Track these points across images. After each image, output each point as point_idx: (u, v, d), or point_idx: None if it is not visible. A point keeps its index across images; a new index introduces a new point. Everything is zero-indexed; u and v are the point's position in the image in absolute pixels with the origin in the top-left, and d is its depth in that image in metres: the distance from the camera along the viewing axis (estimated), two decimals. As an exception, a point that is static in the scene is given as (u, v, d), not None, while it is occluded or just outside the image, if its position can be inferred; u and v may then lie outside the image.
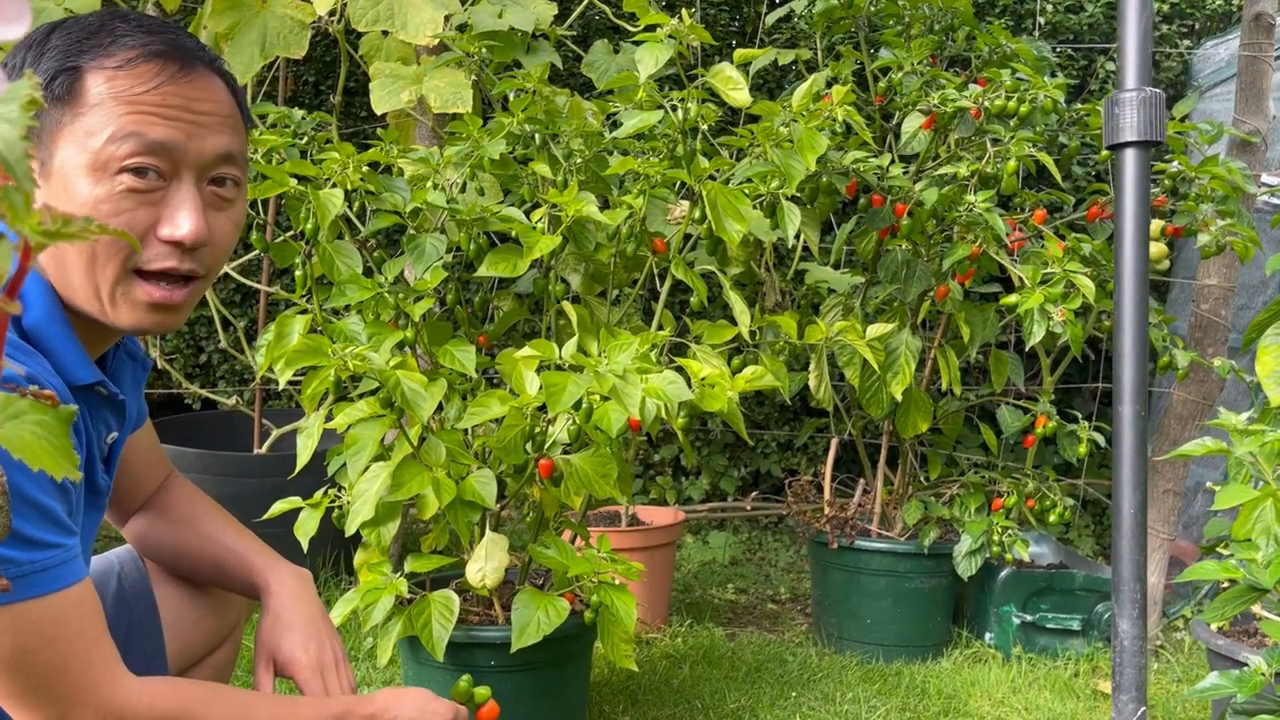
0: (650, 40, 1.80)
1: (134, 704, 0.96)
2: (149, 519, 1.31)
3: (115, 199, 0.96)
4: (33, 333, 0.97)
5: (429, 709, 1.17)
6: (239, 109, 1.07)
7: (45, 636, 0.91)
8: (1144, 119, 1.43)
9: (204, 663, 1.33)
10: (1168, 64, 3.51)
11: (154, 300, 1.00)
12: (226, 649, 1.37)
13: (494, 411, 1.60)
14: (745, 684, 2.29)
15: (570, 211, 1.72)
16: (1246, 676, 1.35)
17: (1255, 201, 2.67)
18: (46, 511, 0.90)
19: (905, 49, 2.35)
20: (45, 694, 0.92)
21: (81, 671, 0.93)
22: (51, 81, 0.96)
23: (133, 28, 0.99)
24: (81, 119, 0.96)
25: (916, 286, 2.31)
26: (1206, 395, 2.61)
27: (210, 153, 1.01)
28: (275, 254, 1.76)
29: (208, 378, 3.79)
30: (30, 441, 0.39)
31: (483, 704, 1.35)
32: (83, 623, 0.94)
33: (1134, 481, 1.45)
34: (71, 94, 0.96)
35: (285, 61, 3.01)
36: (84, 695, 0.93)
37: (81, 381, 1.01)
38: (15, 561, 0.88)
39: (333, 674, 1.23)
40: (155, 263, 0.99)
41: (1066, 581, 2.55)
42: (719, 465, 3.64)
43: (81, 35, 0.98)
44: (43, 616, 0.90)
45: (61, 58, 0.97)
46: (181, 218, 0.99)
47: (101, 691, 0.94)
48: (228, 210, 1.06)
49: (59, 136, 0.96)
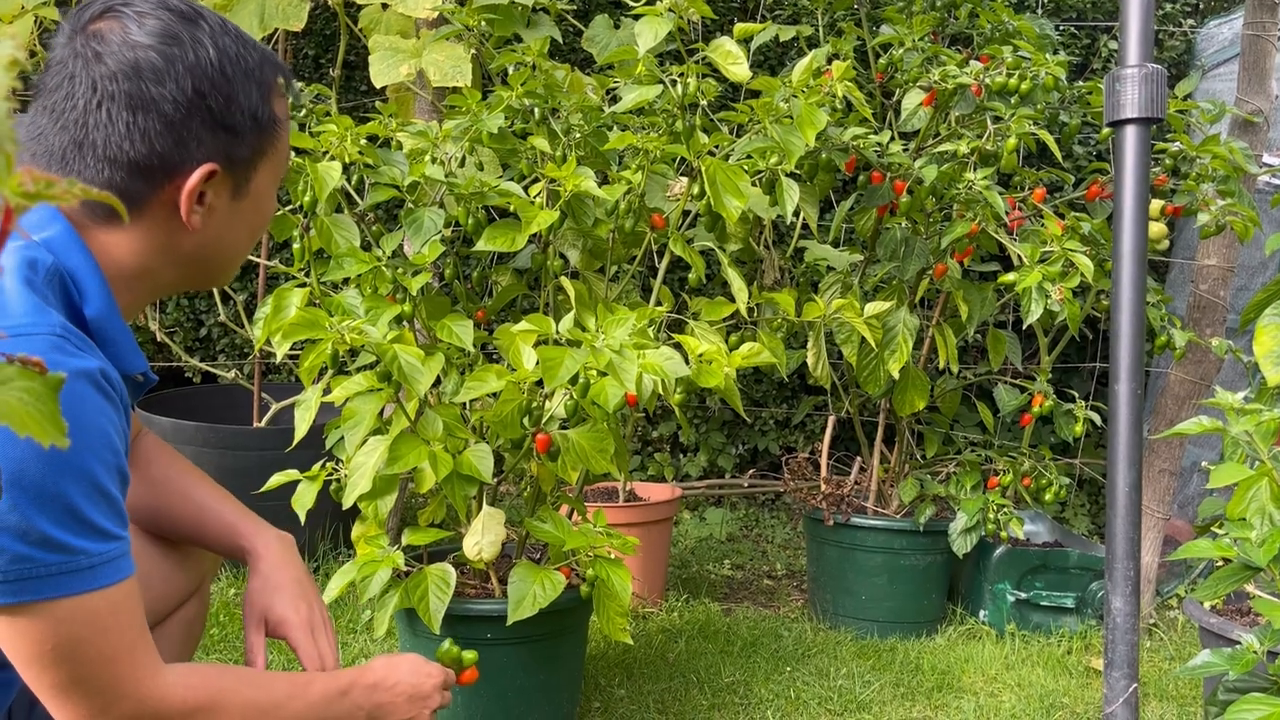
0: (650, 14, 1.78)
1: (171, 695, 0.97)
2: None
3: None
4: (95, 325, 0.98)
5: (423, 672, 1.22)
6: None
7: (100, 627, 0.91)
8: (1145, 96, 1.42)
9: (173, 617, 1.33)
10: (1171, 43, 3.49)
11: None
12: (195, 604, 1.36)
13: (491, 386, 1.60)
14: (740, 659, 2.30)
15: (569, 186, 1.71)
16: (1238, 654, 1.35)
17: (1256, 182, 2.66)
18: (115, 503, 0.91)
19: (907, 25, 2.34)
20: (91, 685, 0.92)
21: (129, 663, 0.94)
22: (258, 113, 1.04)
23: (264, 54, 1.08)
24: (278, 145, 1.08)
25: (915, 264, 2.31)
26: (1204, 375, 2.61)
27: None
28: (273, 227, 1.76)
29: (208, 351, 3.79)
30: (17, 408, 0.39)
31: (468, 667, 1.38)
32: (134, 614, 0.94)
33: (1129, 460, 1.45)
34: (271, 121, 1.06)
35: (285, 34, 2.99)
36: (128, 687, 0.94)
37: (138, 370, 1.03)
38: (88, 553, 0.88)
39: (321, 633, 1.26)
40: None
41: (1061, 559, 2.56)
42: (717, 442, 3.65)
43: (260, 62, 1.06)
44: (101, 607, 0.90)
45: (259, 88, 1.05)
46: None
47: (144, 684, 0.95)
48: None
49: (261, 165, 1.07)
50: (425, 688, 1.22)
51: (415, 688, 1.21)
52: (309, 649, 1.23)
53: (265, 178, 1.08)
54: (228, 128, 1.01)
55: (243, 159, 1.04)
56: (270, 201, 1.12)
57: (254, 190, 1.07)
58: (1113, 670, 1.46)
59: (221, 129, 1.01)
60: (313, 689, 1.11)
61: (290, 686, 1.10)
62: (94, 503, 0.88)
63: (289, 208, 1.77)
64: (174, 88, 0.97)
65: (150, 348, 3.53)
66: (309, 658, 1.23)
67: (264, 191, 1.09)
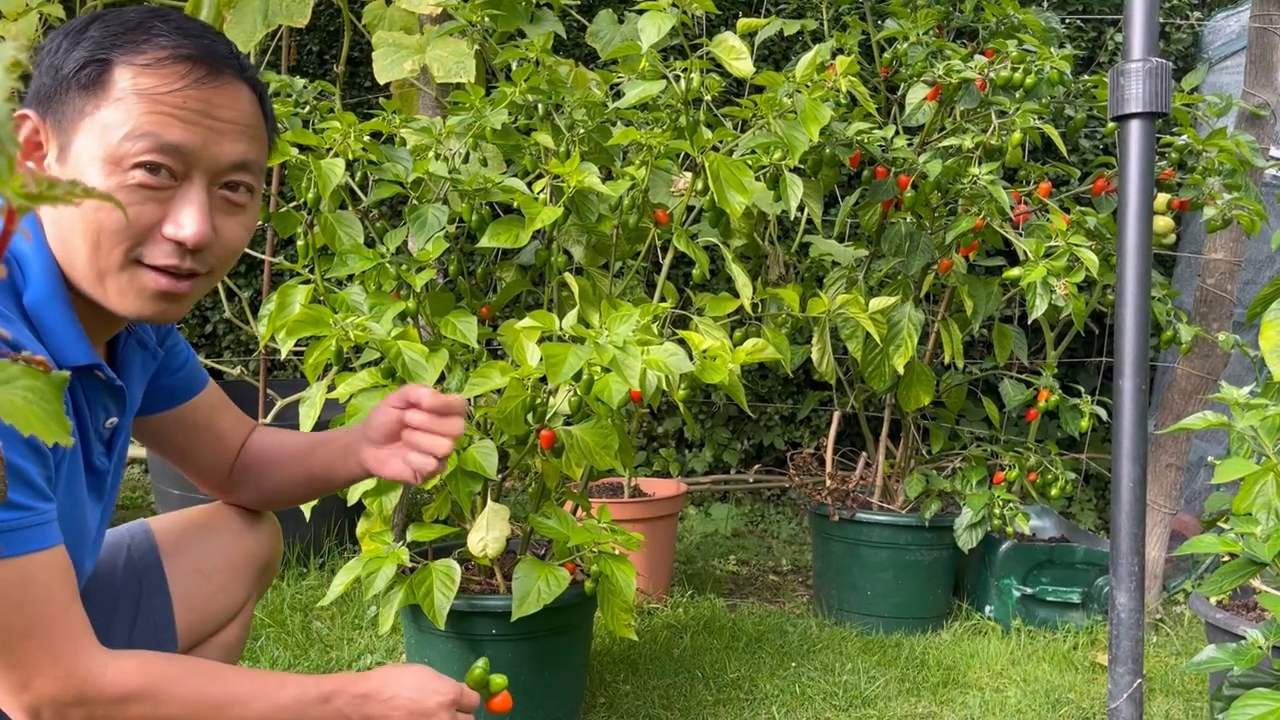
0: (653, 9, 1.78)
1: (97, 676, 0.94)
2: (242, 484, 1.34)
3: (126, 191, 0.96)
4: (32, 310, 0.97)
5: (430, 688, 1.10)
6: (264, 119, 1.07)
7: (10, 599, 0.89)
8: (1149, 90, 1.41)
9: (213, 640, 1.32)
10: (1178, 36, 3.47)
11: (160, 289, 1.01)
12: (236, 627, 1.36)
13: (495, 382, 1.60)
14: (746, 654, 2.31)
15: (573, 182, 1.71)
16: (1243, 650, 1.35)
17: (1263, 175, 2.65)
18: (18, 472, 0.90)
19: (911, 19, 2.33)
20: (7, 659, 0.91)
21: (45, 638, 0.92)
22: (80, 70, 0.97)
23: (170, 28, 1.00)
24: (102, 110, 0.96)
25: (920, 259, 2.30)
26: (1211, 370, 2.61)
27: (225, 159, 1.02)
28: (277, 224, 1.76)
29: (213, 348, 3.80)
30: (21, 406, 0.39)
31: (497, 693, 1.26)
32: (50, 589, 0.92)
33: (1133, 455, 1.45)
34: (97, 84, 0.97)
35: (289, 30, 2.99)
36: (46, 663, 0.92)
37: (76, 363, 1.00)
38: None
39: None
40: (158, 258, 1.00)
41: (1067, 555, 2.55)
42: (722, 438, 3.65)
43: (119, 29, 0.99)
44: (8, 577, 0.89)
45: (94, 48, 0.98)
46: (186, 218, 0.99)
47: (64, 661, 0.93)
48: (238, 215, 1.06)
49: (80, 124, 0.97)
50: (428, 704, 1.09)
51: (416, 703, 1.08)
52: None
53: (86, 143, 0.97)
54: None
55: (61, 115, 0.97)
56: (93, 178, 0.97)
57: (73, 155, 0.97)
58: (1117, 666, 1.45)
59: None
60: (284, 691, 1.04)
61: (256, 685, 1.03)
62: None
63: (293, 204, 1.77)
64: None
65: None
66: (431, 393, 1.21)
67: (84, 161, 0.97)
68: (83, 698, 0.94)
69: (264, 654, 2.15)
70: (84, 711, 0.95)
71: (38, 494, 0.92)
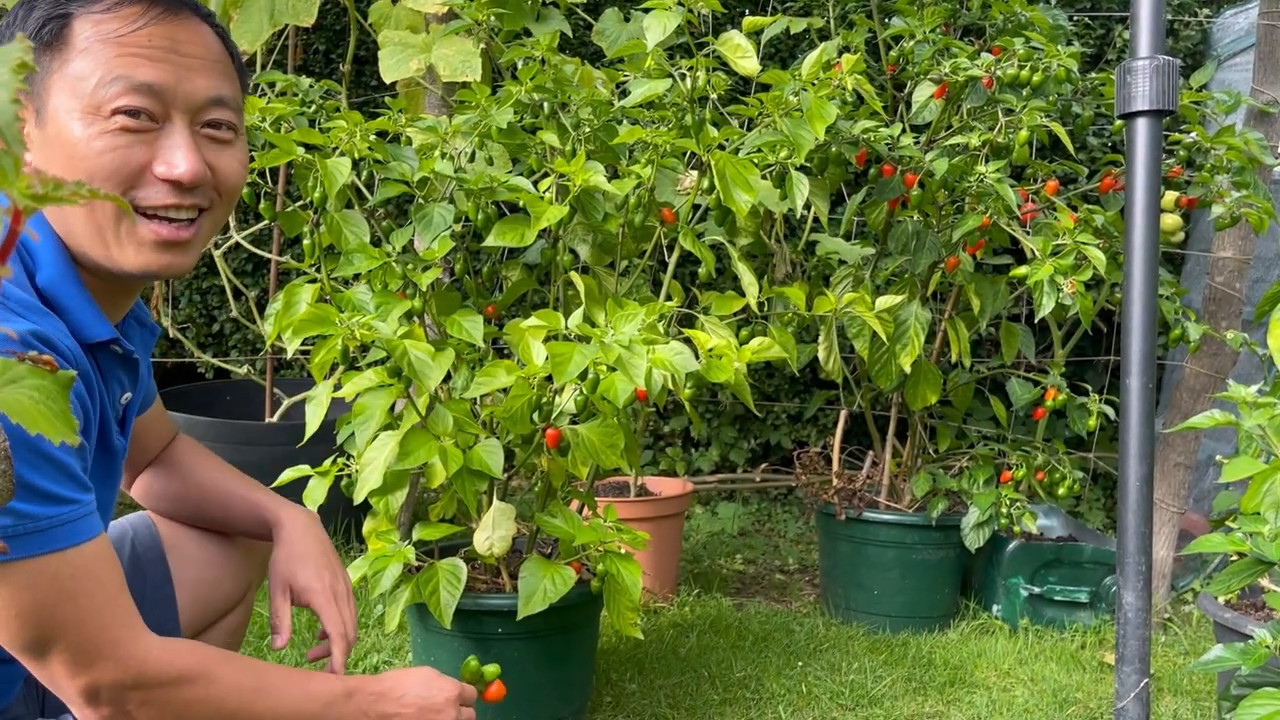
0: (659, 8, 1.78)
1: (154, 659, 0.97)
2: (154, 473, 1.35)
3: (109, 136, 0.96)
4: (46, 291, 0.97)
5: (434, 685, 1.19)
6: (230, 58, 1.07)
7: (64, 591, 0.91)
8: (1156, 87, 1.41)
9: (217, 626, 1.36)
10: (1186, 33, 3.46)
11: (161, 238, 1.01)
12: (239, 613, 1.39)
13: (501, 381, 1.60)
14: (752, 653, 2.30)
15: (578, 181, 1.71)
16: (1251, 649, 1.35)
17: (1272, 173, 2.64)
18: (62, 466, 0.91)
19: (918, 17, 2.33)
20: (66, 649, 0.93)
21: (101, 626, 0.94)
22: (41, 29, 0.97)
23: None
24: (71, 64, 0.96)
25: (927, 258, 2.30)
26: (1219, 368, 2.60)
27: (200, 95, 1.01)
28: (284, 223, 1.76)
29: (220, 347, 3.81)
30: (28, 406, 0.39)
31: (491, 682, 1.34)
32: (101, 578, 0.94)
33: (1140, 454, 1.44)
34: (60, 40, 0.97)
35: (295, 30, 3.00)
36: (105, 649, 0.94)
37: (97, 338, 1.01)
38: (33, 516, 0.89)
39: (344, 602, 1.27)
40: (155, 199, 1.00)
41: (1075, 554, 2.55)
42: (729, 437, 3.65)
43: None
44: (61, 571, 0.91)
45: (51, 6, 0.98)
46: (177, 157, 0.99)
47: (122, 646, 0.95)
48: (228, 149, 1.06)
49: (50, 84, 0.97)
50: (436, 700, 1.19)
51: (425, 699, 1.18)
52: (332, 614, 1.24)
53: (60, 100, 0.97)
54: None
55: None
56: (76, 130, 0.96)
57: (50, 115, 0.97)
58: (1124, 665, 1.45)
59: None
60: (313, 682, 1.10)
61: (286, 674, 1.09)
62: (34, 467, 0.88)
63: (299, 203, 1.77)
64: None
65: (163, 344, 3.55)
66: (332, 622, 1.24)
67: (63, 118, 0.96)
68: (141, 680, 0.97)
69: (271, 652, 2.16)
70: (142, 694, 0.97)
71: (80, 486, 0.94)
